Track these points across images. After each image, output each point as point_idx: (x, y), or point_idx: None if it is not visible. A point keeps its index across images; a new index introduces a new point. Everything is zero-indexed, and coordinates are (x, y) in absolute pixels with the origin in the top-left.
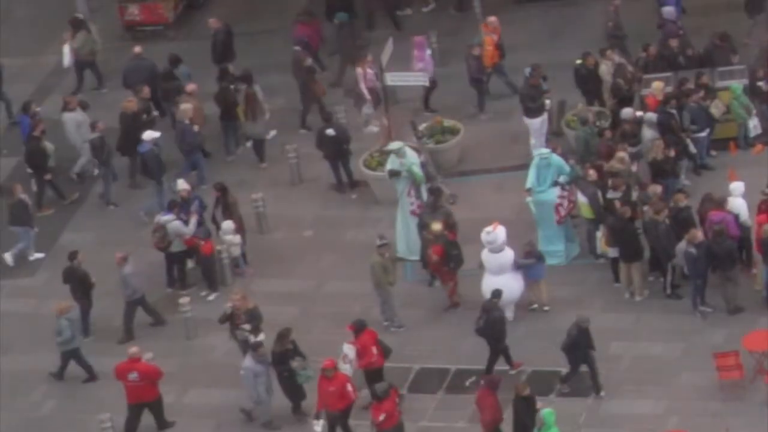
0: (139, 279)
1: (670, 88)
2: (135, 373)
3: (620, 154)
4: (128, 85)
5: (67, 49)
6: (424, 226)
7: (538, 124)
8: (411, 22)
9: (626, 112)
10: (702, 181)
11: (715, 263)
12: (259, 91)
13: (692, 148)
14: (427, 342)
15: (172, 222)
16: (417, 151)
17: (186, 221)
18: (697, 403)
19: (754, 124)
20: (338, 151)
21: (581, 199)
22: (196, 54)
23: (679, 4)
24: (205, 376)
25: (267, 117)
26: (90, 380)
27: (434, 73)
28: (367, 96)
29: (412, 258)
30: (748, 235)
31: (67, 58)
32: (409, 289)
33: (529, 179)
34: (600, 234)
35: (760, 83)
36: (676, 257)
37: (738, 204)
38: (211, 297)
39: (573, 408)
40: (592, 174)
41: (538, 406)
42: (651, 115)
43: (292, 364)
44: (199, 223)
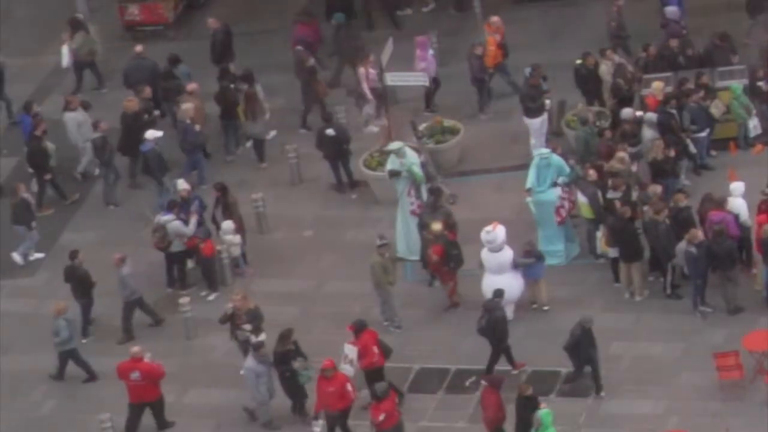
0: (137, 280)
1: (670, 88)
2: (137, 373)
3: (620, 154)
4: (129, 85)
5: (65, 50)
6: (424, 226)
7: (538, 124)
8: (411, 22)
9: (626, 112)
10: (702, 181)
11: (715, 263)
12: (260, 90)
13: (692, 148)
14: (427, 342)
15: (172, 222)
16: (417, 151)
17: (186, 221)
18: (697, 403)
19: (754, 124)
20: (338, 151)
21: (581, 199)
22: (196, 54)
23: (682, 4)
24: (205, 376)
25: (267, 117)
26: (90, 380)
27: (437, 73)
28: (369, 96)
29: (412, 258)
30: (748, 235)
31: (66, 58)
32: (409, 289)
33: (529, 179)
34: (600, 234)
35: (760, 83)
36: (676, 257)
37: (738, 204)
38: (211, 297)
39: (573, 408)
40: (592, 174)
41: (542, 406)
42: (651, 115)
43: (294, 365)
44: (199, 223)
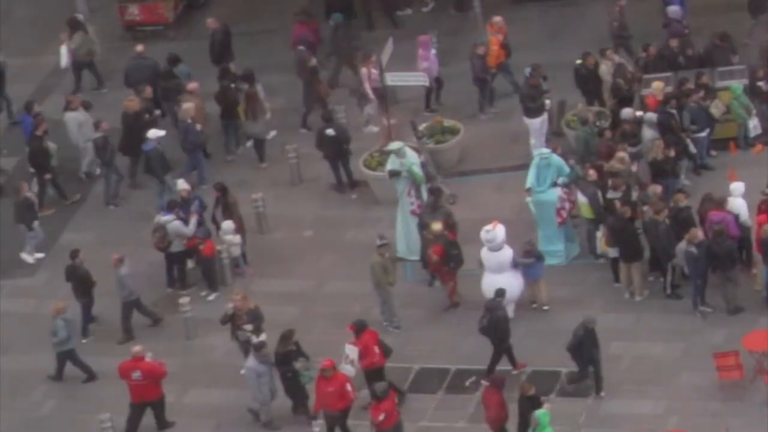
0: (138, 280)
1: (670, 88)
2: (138, 372)
3: (620, 154)
4: (130, 84)
5: (64, 50)
6: (424, 226)
7: (538, 124)
8: (411, 22)
9: (626, 112)
10: (702, 181)
11: (715, 263)
12: (260, 90)
13: (692, 148)
14: (427, 342)
15: (172, 222)
16: (417, 151)
17: (186, 221)
18: (697, 403)
19: (754, 124)
20: (338, 151)
21: (581, 199)
22: (196, 54)
23: (685, 4)
24: (205, 376)
25: (268, 117)
26: (90, 380)
27: (439, 72)
28: (371, 96)
29: (412, 258)
30: (748, 235)
31: (65, 58)
32: (409, 289)
33: (529, 179)
34: (600, 234)
35: (760, 83)
36: (676, 257)
37: (738, 204)
38: (211, 297)
39: (573, 408)
40: (592, 174)
41: (545, 406)
42: (651, 115)
43: (296, 365)
44: (199, 223)
